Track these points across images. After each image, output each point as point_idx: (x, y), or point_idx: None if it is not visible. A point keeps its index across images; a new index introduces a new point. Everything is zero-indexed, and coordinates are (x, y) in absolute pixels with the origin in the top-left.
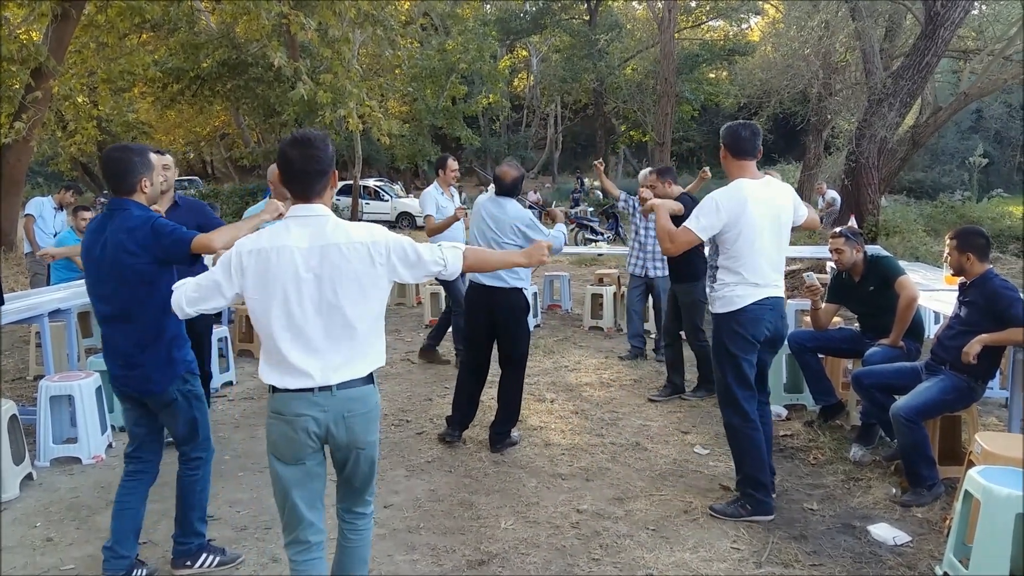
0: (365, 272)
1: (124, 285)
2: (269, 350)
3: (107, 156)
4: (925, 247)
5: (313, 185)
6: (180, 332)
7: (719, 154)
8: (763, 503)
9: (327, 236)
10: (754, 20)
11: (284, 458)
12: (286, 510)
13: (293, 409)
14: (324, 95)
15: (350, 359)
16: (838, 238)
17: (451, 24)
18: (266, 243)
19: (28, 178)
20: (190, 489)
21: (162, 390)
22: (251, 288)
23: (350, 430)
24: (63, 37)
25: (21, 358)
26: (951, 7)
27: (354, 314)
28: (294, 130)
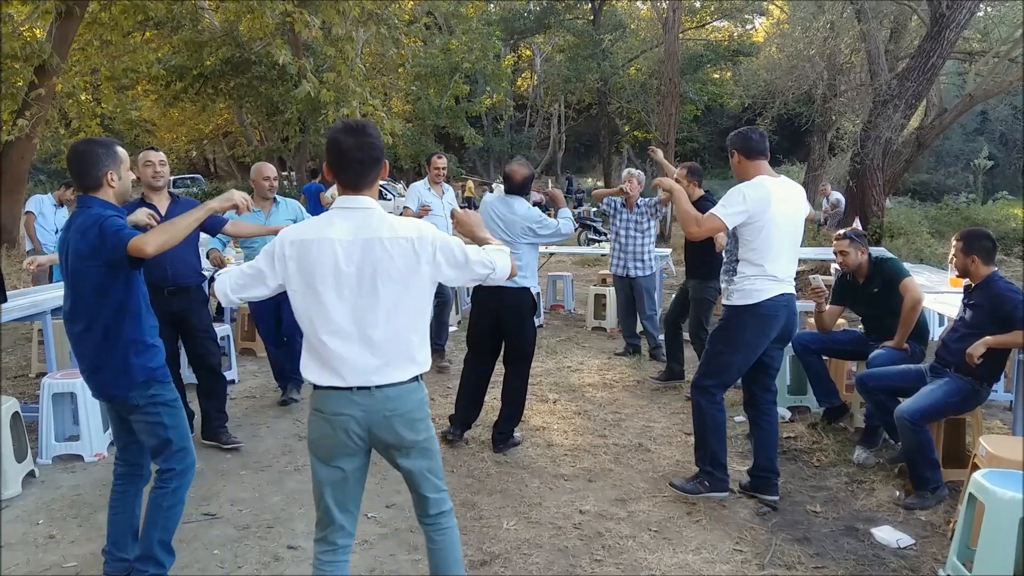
0: (408, 269)
1: (79, 287)
2: (310, 345)
3: (71, 151)
4: (930, 249)
5: (366, 175)
6: (139, 337)
7: (726, 157)
8: (721, 480)
9: (371, 229)
10: (759, 21)
11: (322, 456)
12: (321, 508)
13: (332, 407)
14: (327, 93)
15: (391, 359)
16: (842, 240)
17: (455, 23)
18: (308, 234)
19: (30, 175)
20: (155, 504)
21: (122, 396)
22: (292, 280)
23: (392, 430)
24: (67, 34)
25: (23, 355)
26: (957, 9)
27: (395, 312)
28: (343, 119)
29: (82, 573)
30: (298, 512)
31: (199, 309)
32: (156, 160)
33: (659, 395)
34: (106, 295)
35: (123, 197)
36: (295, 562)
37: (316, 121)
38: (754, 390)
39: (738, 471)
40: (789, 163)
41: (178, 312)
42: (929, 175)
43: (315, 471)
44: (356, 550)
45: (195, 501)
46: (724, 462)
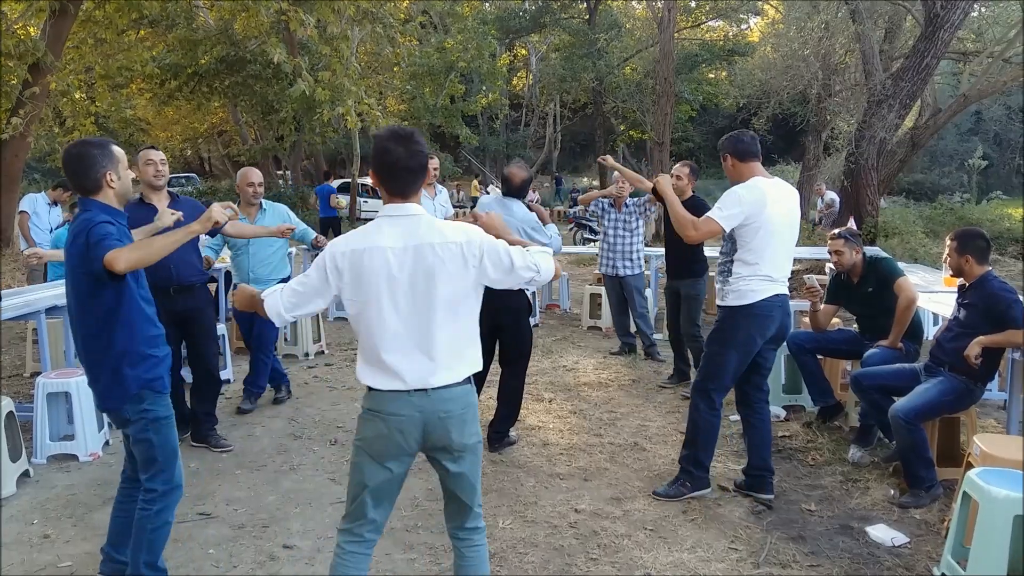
0: (458, 273)
1: (72, 293)
2: (366, 350)
3: (65, 154)
4: (924, 249)
5: (414, 182)
6: (133, 347)
7: (720, 161)
8: (701, 479)
9: (420, 235)
10: (754, 21)
11: (373, 455)
12: (356, 501)
13: (389, 408)
14: (322, 92)
15: (445, 362)
16: (837, 239)
17: (450, 22)
18: (358, 244)
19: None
20: (140, 526)
21: (115, 408)
22: (348, 290)
23: (446, 431)
24: (61, 33)
25: (18, 355)
26: (951, 9)
27: (448, 316)
28: (390, 126)
29: (77, 573)
30: (293, 511)
31: (205, 308)
32: (157, 159)
33: (655, 394)
34: (95, 303)
35: (124, 197)
36: (290, 561)
37: (311, 120)
38: (746, 389)
39: (733, 470)
40: (784, 163)
41: (184, 312)
42: (924, 175)
43: (360, 468)
44: None
45: (190, 500)
46: (706, 464)
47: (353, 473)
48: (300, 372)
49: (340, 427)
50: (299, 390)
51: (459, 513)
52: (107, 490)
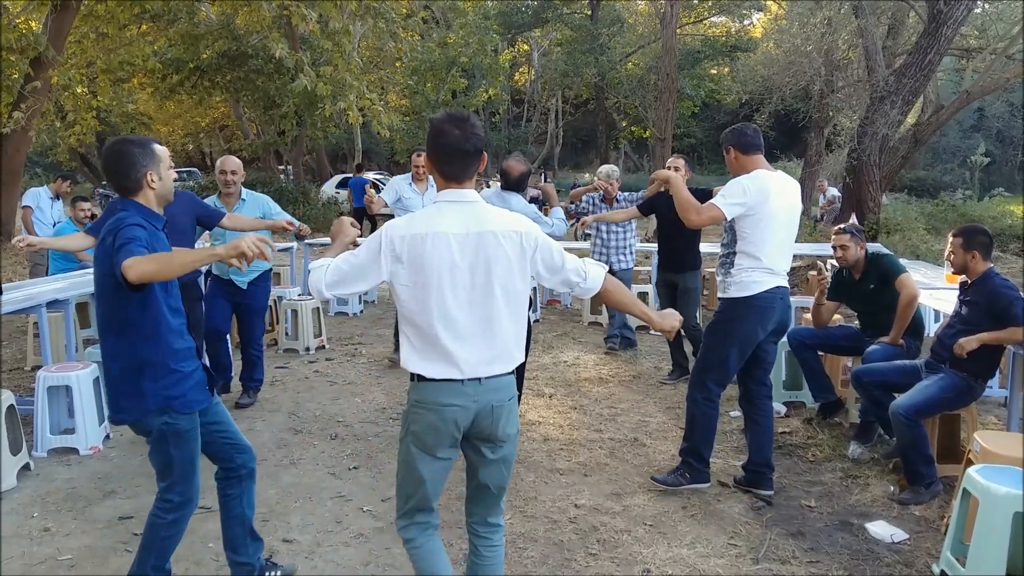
0: (517, 262)
1: (97, 293)
2: (419, 338)
3: (106, 152)
4: (926, 245)
5: (471, 166)
6: (157, 360)
7: (722, 154)
8: (702, 472)
9: (483, 222)
10: (756, 16)
11: (426, 448)
12: (415, 497)
13: (442, 399)
14: (324, 87)
15: (500, 352)
16: (843, 235)
17: (452, 17)
18: (420, 228)
19: (26, 168)
20: (153, 529)
21: (133, 420)
22: (404, 275)
23: (496, 421)
24: (62, 27)
25: (19, 348)
26: (954, 5)
27: (505, 304)
28: (446, 110)
29: (77, 566)
30: (293, 506)
31: (192, 304)
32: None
33: (655, 390)
34: (117, 307)
35: (165, 199)
36: (290, 555)
37: (312, 115)
38: (749, 385)
39: (733, 466)
40: (786, 159)
41: None
42: (926, 171)
43: (414, 463)
44: (351, 544)
45: None
46: (707, 457)
47: (406, 471)
48: (301, 367)
49: (340, 422)
50: (300, 385)
51: (485, 505)
52: (107, 483)
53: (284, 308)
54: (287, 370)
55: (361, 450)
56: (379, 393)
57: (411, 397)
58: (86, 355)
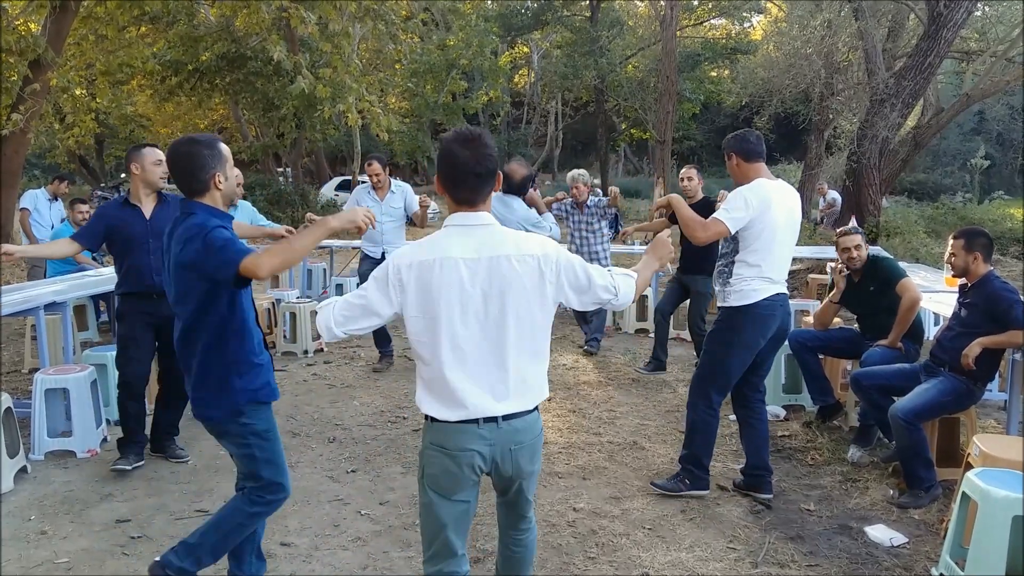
0: (535, 288)
1: (183, 299)
2: (429, 375)
3: (174, 152)
4: (926, 248)
5: (483, 189)
6: (244, 356)
7: (723, 157)
8: (701, 479)
9: (495, 247)
10: (756, 19)
11: (443, 492)
12: (437, 542)
13: (457, 443)
14: (323, 90)
15: (517, 388)
16: (855, 235)
17: (452, 19)
18: (427, 255)
19: (25, 170)
20: (233, 513)
21: (219, 419)
22: (412, 306)
23: (516, 463)
24: (61, 29)
25: (16, 351)
26: (954, 8)
27: (521, 335)
28: (456, 129)
29: (74, 569)
30: (291, 509)
31: None
32: (163, 159)
33: (654, 393)
34: (208, 310)
35: (229, 199)
36: (288, 559)
37: (312, 117)
38: (744, 390)
39: (732, 469)
40: (786, 162)
41: (166, 317)
42: (926, 174)
43: (432, 507)
44: (349, 547)
45: (188, 497)
46: (706, 465)
47: (426, 515)
48: (299, 370)
49: (338, 425)
50: (298, 388)
51: (512, 522)
52: (104, 487)
53: (282, 311)
54: (285, 373)
55: (359, 453)
56: (377, 396)
57: (426, 437)
58: (83, 358)
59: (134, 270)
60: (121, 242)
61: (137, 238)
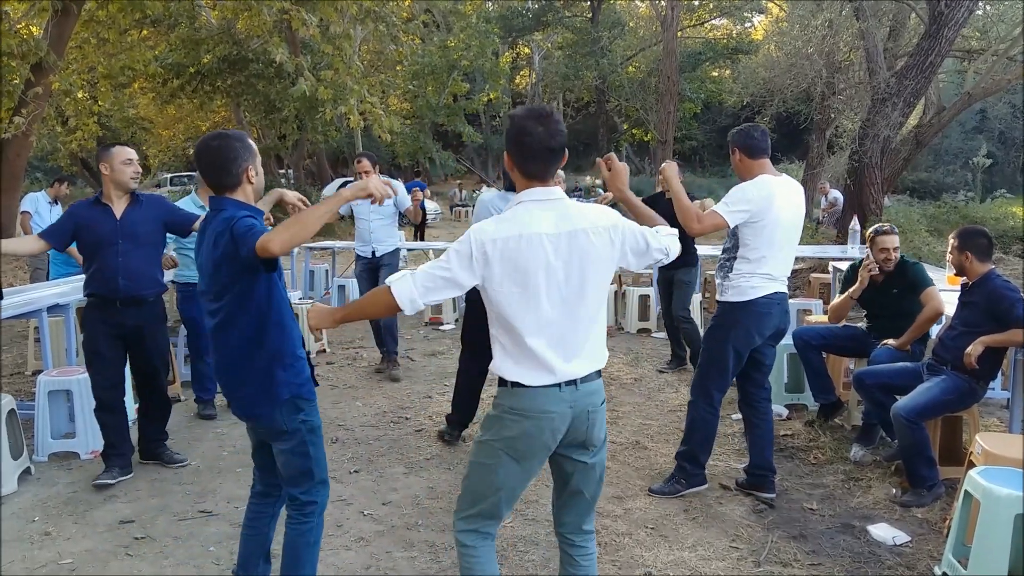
0: (608, 258)
1: (222, 292)
2: (512, 343)
3: (204, 147)
4: (928, 247)
5: (555, 164)
6: (287, 348)
7: (725, 155)
8: (696, 475)
9: (573, 220)
10: (757, 19)
11: (516, 455)
12: (486, 503)
13: (540, 406)
14: (325, 91)
15: (591, 351)
16: (893, 235)
17: (453, 21)
18: (512, 230)
19: (27, 173)
20: (303, 541)
21: (268, 417)
22: (496, 279)
23: (591, 425)
24: (63, 32)
25: (20, 353)
26: (955, 7)
27: (595, 303)
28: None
29: (77, 570)
30: None
31: (155, 324)
32: (135, 158)
33: (656, 393)
34: (248, 302)
35: (260, 194)
36: None
37: (313, 119)
38: (748, 388)
39: (734, 468)
40: (788, 161)
41: (132, 328)
42: (928, 173)
43: (495, 469)
44: (352, 547)
45: (191, 498)
46: (702, 462)
47: (483, 474)
48: None
49: (341, 425)
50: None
51: (578, 512)
52: (108, 488)
53: None
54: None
55: (362, 454)
56: (380, 397)
57: (503, 403)
58: None
59: (99, 272)
60: (89, 242)
61: (106, 238)
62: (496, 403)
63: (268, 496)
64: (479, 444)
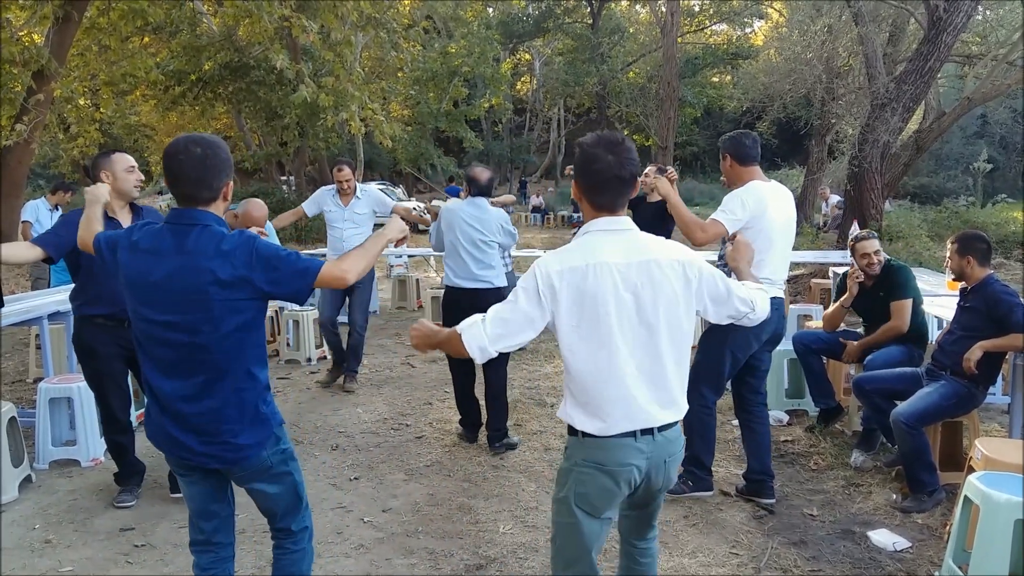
0: (682, 294)
1: (210, 325)
2: (582, 386)
3: (184, 152)
4: (929, 252)
5: (625, 193)
6: (266, 380)
7: (720, 162)
8: (703, 480)
9: (642, 251)
10: (757, 24)
11: (593, 510)
12: (580, 564)
13: (616, 458)
14: (326, 98)
15: (669, 397)
16: (872, 240)
17: (454, 27)
18: (577, 261)
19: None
20: (297, 570)
21: (255, 458)
22: (565, 314)
23: (667, 475)
24: (65, 40)
25: (21, 360)
26: (954, 12)
27: (671, 341)
28: (597, 132)
29: None
30: None
31: None
32: (136, 164)
33: None
34: (249, 334)
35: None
36: None
37: (315, 126)
38: (744, 394)
39: (734, 474)
40: (788, 166)
41: None
42: (929, 178)
43: (578, 527)
44: (351, 555)
45: None
46: (708, 465)
47: (568, 535)
48: (302, 378)
49: (341, 432)
50: (301, 396)
51: (641, 527)
52: (109, 496)
53: (285, 319)
54: (288, 381)
55: (362, 461)
56: (380, 404)
57: (575, 454)
58: None
59: (109, 291)
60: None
61: None
62: (568, 454)
63: (221, 560)
64: (556, 503)
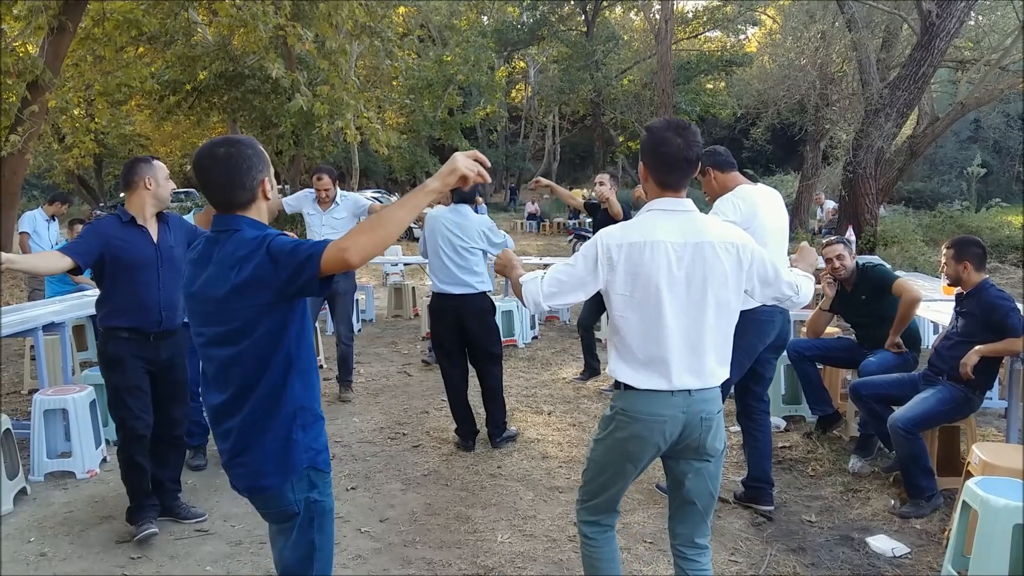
0: (734, 274)
1: (239, 336)
2: (628, 347)
3: (209, 156)
4: (923, 257)
5: (689, 175)
6: (308, 404)
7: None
8: None
9: (700, 232)
10: (751, 31)
11: (628, 456)
12: (603, 497)
13: (650, 409)
14: (321, 107)
15: (710, 365)
16: (837, 245)
17: (448, 35)
18: (637, 236)
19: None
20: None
21: (276, 489)
22: (619, 283)
23: (705, 433)
24: (59, 50)
25: (15, 372)
26: (947, 18)
27: (716, 318)
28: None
29: None
30: None
31: (184, 357)
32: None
33: None
34: (276, 348)
35: (274, 214)
36: None
37: (310, 134)
38: (747, 400)
39: (733, 481)
40: (783, 172)
41: (165, 360)
42: (923, 183)
43: (610, 468)
44: (349, 566)
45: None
46: None
47: (598, 471)
48: None
49: (338, 442)
50: None
51: (691, 523)
52: (104, 508)
53: None
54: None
55: (359, 471)
56: (377, 413)
57: (616, 405)
58: (82, 378)
59: (136, 302)
60: (125, 268)
61: (145, 265)
62: (611, 404)
63: None
64: (595, 442)
